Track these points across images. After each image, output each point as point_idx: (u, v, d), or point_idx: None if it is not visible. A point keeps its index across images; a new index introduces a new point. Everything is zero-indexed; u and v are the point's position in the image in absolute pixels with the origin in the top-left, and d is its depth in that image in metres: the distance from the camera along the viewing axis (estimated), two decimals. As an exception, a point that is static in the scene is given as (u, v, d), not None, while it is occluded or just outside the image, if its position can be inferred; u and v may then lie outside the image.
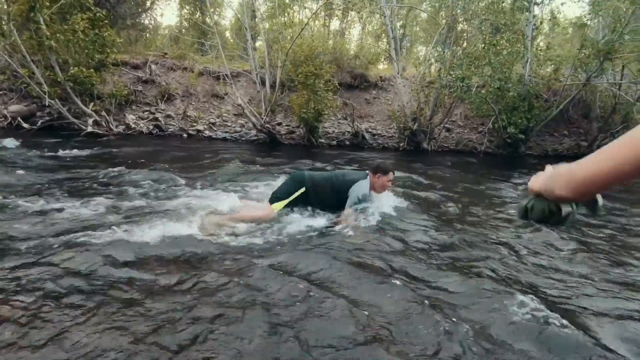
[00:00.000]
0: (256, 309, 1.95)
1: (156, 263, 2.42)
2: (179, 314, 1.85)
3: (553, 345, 1.82)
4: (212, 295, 2.03)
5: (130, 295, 1.98)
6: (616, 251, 3.25)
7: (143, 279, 2.16)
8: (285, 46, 9.79)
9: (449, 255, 2.87)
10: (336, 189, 3.36)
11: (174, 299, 1.97)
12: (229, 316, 1.86)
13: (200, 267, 2.42)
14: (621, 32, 8.70)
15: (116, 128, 9.66)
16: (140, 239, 2.68)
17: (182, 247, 2.63)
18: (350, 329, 1.84)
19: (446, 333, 1.87)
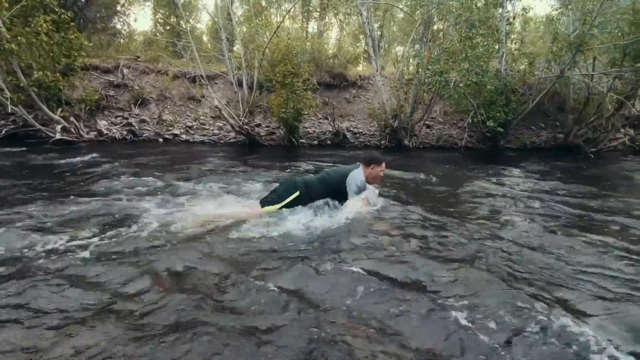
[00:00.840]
0: (247, 308, 1.79)
1: (139, 267, 2.24)
2: (168, 315, 1.73)
3: (549, 342, 1.70)
4: (205, 297, 1.93)
5: (108, 301, 1.86)
6: (608, 239, 3.20)
7: (122, 284, 2.03)
8: (262, 45, 9.59)
9: (438, 250, 2.75)
10: (332, 186, 3.24)
11: (162, 300, 1.87)
12: (223, 314, 1.70)
13: (191, 268, 2.26)
14: (591, 25, 8.89)
15: (87, 134, 9.24)
16: (115, 247, 2.51)
17: (169, 249, 2.52)
18: (339, 328, 1.69)
19: (439, 330, 1.73)
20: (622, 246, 2.93)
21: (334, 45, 16.65)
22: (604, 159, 9.43)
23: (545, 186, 5.42)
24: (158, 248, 2.56)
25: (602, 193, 5.01)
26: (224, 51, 9.87)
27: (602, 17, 9.32)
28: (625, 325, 1.82)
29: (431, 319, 1.82)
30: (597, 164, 8.38)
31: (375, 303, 1.94)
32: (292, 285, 2.10)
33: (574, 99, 11.31)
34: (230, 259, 2.43)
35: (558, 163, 8.14)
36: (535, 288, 2.17)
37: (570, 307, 2.00)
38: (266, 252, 2.55)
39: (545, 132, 11.92)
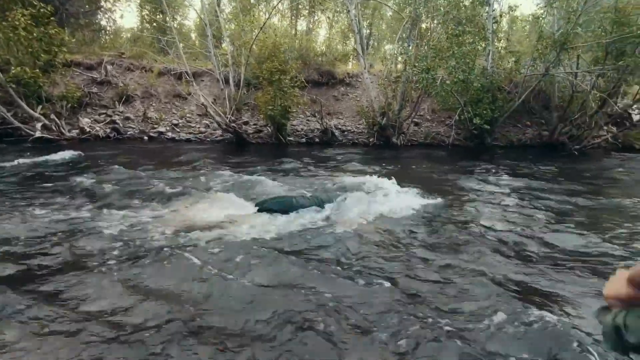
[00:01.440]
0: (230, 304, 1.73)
1: (116, 273, 2.16)
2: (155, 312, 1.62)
3: (534, 339, 1.69)
4: (192, 298, 1.91)
5: (87, 306, 1.81)
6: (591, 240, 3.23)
7: (101, 289, 2.00)
8: (248, 42, 9.47)
9: (425, 247, 2.73)
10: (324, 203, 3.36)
11: (146, 299, 1.84)
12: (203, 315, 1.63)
13: (177, 266, 2.18)
14: (575, 23, 9.00)
15: (69, 132, 9.01)
16: (89, 253, 2.42)
17: (152, 248, 2.46)
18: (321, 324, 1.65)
19: (423, 329, 1.71)
20: (602, 242, 2.95)
21: (323, 43, 16.59)
22: (588, 156, 9.58)
23: (529, 183, 5.46)
24: (142, 249, 2.48)
25: (584, 190, 5.07)
26: (210, 48, 9.72)
27: (585, 15, 9.45)
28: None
29: (407, 312, 1.79)
30: (581, 161, 8.51)
31: (359, 302, 1.90)
32: (283, 284, 2.06)
33: (559, 96, 11.45)
34: (217, 259, 2.37)
35: (543, 160, 8.24)
36: (518, 285, 2.16)
37: (551, 302, 1.99)
38: (255, 252, 2.50)
39: (531, 130, 12.06)
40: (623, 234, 3.16)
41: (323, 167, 6.57)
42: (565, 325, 1.72)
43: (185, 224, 2.92)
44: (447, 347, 1.57)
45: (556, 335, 1.68)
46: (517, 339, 1.68)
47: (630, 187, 5.68)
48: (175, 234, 2.73)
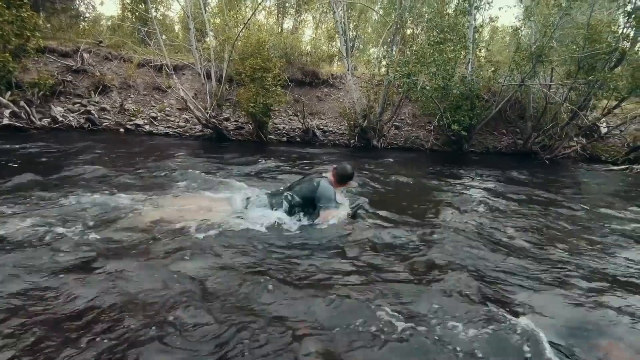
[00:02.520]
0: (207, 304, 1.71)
1: (87, 270, 2.11)
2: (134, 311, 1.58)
3: (495, 343, 1.75)
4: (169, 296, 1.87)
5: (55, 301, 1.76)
6: (562, 242, 3.36)
7: (72, 288, 1.91)
8: (232, 38, 9.36)
9: (397, 251, 2.78)
10: (299, 203, 3.22)
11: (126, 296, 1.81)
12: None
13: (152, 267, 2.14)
14: (550, 37, 9.35)
15: (39, 121, 8.67)
16: (61, 250, 2.34)
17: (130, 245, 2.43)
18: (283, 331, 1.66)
19: (387, 332, 1.74)
20: (564, 248, 3.09)
21: (308, 43, 16.59)
22: (558, 165, 9.97)
23: (500, 190, 5.63)
24: (111, 247, 2.41)
25: (550, 198, 5.28)
26: (192, 41, 9.54)
27: (560, 30, 9.84)
28: (560, 320, 1.94)
29: (370, 320, 1.82)
30: (551, 170, 8.85)
31: (328, 314, 1.92)
32: (252, 293, 2.05)
33: (533, 107, 11.86)
34: (191, 259, 2.33)
35: (515, 168, 8.51)
36: (482, 289, 2.23)
37: (513, 305, 2.07)
38: (228, 252, 2.47)
39: (506, 138, 12.45)
40: (578, 241, 3.31)
41: (302, 167, 6.58)
42: (527, 329, 1.79)
43: (153, 221, 2.86)
44: (402, 350, 1.61)
45: (518, 339, 1.75)
46: (476, 342, 1.73)
47: (594, 197, 5.94)
48: (143, 232, 2.67)
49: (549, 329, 1.86)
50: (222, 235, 2.70)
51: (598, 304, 2.17)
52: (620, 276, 2.59)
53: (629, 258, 2.97)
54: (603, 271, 2.66)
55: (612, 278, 2.55)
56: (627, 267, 2.79)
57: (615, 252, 3.10)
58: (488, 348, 1.68)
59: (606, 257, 2.96)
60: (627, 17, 8.92)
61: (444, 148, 11.32)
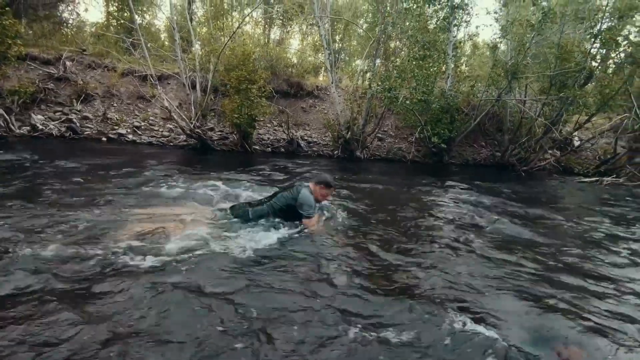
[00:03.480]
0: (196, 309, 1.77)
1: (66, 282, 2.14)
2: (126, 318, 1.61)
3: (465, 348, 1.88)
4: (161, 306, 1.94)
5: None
6: (538, 255, 3.54)
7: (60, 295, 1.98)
8: (217, 49, 9.47)
9: (373, 259, 2.89)
10: (281, 212, 3.37)
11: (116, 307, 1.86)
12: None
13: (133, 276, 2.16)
14: (524, 55, 9.82)
15: (19, 129, 8.54)
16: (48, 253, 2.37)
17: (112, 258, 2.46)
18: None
19: (362, 342, 1.84)
20: (533, 258, 3.27)
21: (294, 55, 16.83)
22: (534, 177, 10.36)
23: (477, 202, 5.86)
24: (90, 259, 2.43)
25: (524, 209, 5.52)
26: (177, 52, 9.61)
27: (534, 49, 10.34)
28: (526, 330, 2.09)
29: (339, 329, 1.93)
30: (526, 182, 9.19)
31: (301, 320, 2.02)
32: (235, 296, 2.13)
33: (510, 121, 12.34)
34: (172, 268, 2.38)
35: (493, 179, 8.82)
36: (454, 296, 2.37)
37: (480, 314, 2.21)
38: (209, 262, 2.53)
39: (485, 150, 12.87)
40: (546, 251, 3.51)
41: (285, 177, 6.68)
42: (492, 336, 1.92)
43: (137, 231, 2.90)
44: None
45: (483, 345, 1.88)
46: (440, 347, 1.85)
47: (565, 208, 6.23)
48: (127, 242, 2.71)
49: (512, 335, 2.00)
50: (204, 246, 2.76)
51: (560, 310, 2.34)
52: (584, 283, 2.78)
53: (592, 266, 3.17)
54: (567, 279, 2.84)
55: (576, 285, 2.73)
56: (590, 274, 2.98)
57: (580, 260, 3.30)
58: (453, 354, 1.81)
59: (571, 265, 3.16)
60: (593, 39, 9.46)
61: (425, 160, 11.62)
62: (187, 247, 2.72)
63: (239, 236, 3.03)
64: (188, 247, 2.73)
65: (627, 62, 9.60)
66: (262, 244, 2.96)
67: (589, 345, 2.04)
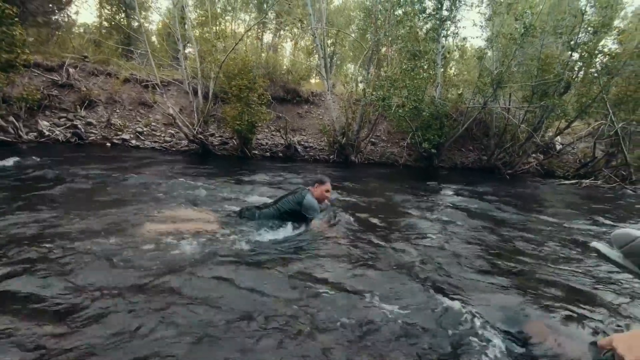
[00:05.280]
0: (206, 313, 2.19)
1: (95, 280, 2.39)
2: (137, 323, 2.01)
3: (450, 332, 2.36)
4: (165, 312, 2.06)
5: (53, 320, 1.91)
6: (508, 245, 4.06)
7: (71, 296, 2.10)
8: (219, 58, 9.89)
9: (371, 257, 3.36)
10: (286, 216, 3.66)
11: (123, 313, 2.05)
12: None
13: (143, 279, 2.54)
14: (508, 66, 10.47)
15: (27, 135, 8.82)
16: (52, 263, 2.49)
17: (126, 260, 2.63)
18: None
19: (365, 332, 2.30)
20: (512, 250, 3.79)
21: (288, 60, 17.29)
22: (517, 179, 11.02)
23: (465, 203, 6.41)
24: (102, 260, 2.58)
25: (508, 209, 6.09)
26: (181, 61, 10.00)
27: (517, 60, 11.02)
28: (500, 310, 2.57)
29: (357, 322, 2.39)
30: (510, 184, 9.82)
31: (314, 309, 2.47)
32: (241, 293, 2.44)
33: (496, 126, 13.02)
34: (181, 270, 2.58)
35: (479, 182, 9.42)
36: (440, 286, 2.86)
37: (462, 297, 2.69)
38: (217, 263, 2.80)
39: (472, 154, 13.52)
40: (526, 247, 4.04)
41: (285, 180, 7.12)
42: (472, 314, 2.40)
43: (143, 235, 3.07)
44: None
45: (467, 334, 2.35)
46: (434, 334, 2.33)
47: (545, 209, 6.82)
48: (133, 246, 2.86)
49: (491, 315, 2.49)
50: (211, 249, 2.97)
51: (532, 295, 2.85)
52: (556, 272, 3.30)
53: (568, 261, 3.71)
54: (539, 269, 3.36)
55: (547, 274, 3.25)
56: (566, 268, 3.51)
57: (558, 256, 3.84)
58: (445, 338, 2.28)
59: (551, 261, 3.69)
60: (571, 51, 10.17)
61: (416, 164, 12.20)
62: (199, 248, 2.93)
63: (247, 238, 3.29)
64: (199, 248, 2.94)
65: (603, 72, 10.32)
66: (269, 242, 3.27)
67: (552, 322, 2.53)
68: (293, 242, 3.43)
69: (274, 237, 3.44)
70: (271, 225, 3.62)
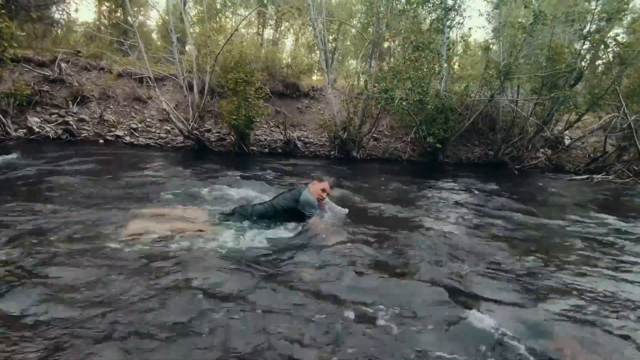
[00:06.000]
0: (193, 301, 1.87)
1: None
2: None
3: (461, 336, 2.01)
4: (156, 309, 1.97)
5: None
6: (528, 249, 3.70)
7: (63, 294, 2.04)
8: (215, 51, 9.52)
9: (374, 255, 3.01)
10: (282, 212, 3.47)
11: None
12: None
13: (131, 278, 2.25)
14: (516, 56, 10.03)
15: (15, 132, 8.51)
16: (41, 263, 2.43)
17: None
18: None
19: (366, 334, 1.96)
20: (528, 253, 3.43)
21: (289, 55, 16.90)
22: (526, 174, 10.60)
23: (471, 199, 6.03)
24: (91, 258, 2.52)
25: (518, 206, 5.70)
26: (175, 54, 9.62)
27: (526, 50, 10.57)
28: (522, 322, 2.22)
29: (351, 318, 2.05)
30: (519, 179, 9.42)
31: (312, 310, 2.13)
32: (236, 292, 2.23)
33: (503, 120, 12.58)
34: (173, 269, 2.48)
35: (486, 177, 9.02)
36: (452, 290, 2.50)
37: (480, 306, 2.34)
38: (210, 261, 2.63)
39: (478, 149, 13.09)
40: (540, 247, 3.67)
41: (284, 177, 6.77)
42: (491, 328, 2.05)
43: (135, 234, 2.97)
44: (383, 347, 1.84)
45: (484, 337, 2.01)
46: (447, 339, 1.98)
47: (558, 206, 6.43)
48: (126, 243, 2.80)
49: (509, 325, 2.14)
50: (198, 248, 2.85)
51: (552, 302, 2.48)
52: (572, 276, 2.93)
53: (584, 262, 3.33)
54: (561, 276, 2.99)
55: (565, 278, 2.88)
56: (582, 271, 3.14)
57: (573, 257, 3.46)
58: (454, 342, 1.93)
59: (565, 263, 3.32)
60: (583, 40, 9.71)
61: (421, 159, 11.80)
62: (185, 247, 2.81)
63: (243, 234, 3.15)
64: (186, 246, 2.83)
65: (616, 62, 9.87)
66: (265, 240, 3.08)
67: (583, 337, 2.18)
68: (288, 241, 3.19)
69: (267, 236, 3.25)
70: (265, 223, 3.41)
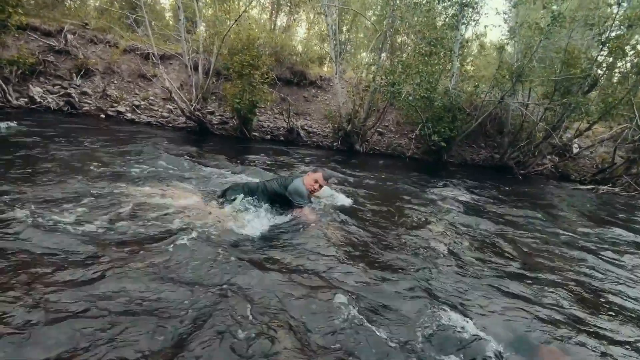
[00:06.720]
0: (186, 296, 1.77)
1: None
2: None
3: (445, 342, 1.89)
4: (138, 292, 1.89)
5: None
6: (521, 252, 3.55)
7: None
8: (221, 31, 9.34)
9: (365, 255, 2.90)
10: (271, 195, 3.41)
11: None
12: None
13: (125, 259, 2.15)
14: (530, 58, 9.75)
15: (16, 100, 8.43)
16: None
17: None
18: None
19: (353, 331, 1.85)
20: (520, 261, 3.29)
21: (300, 43, 16.62)
22: (530, 180, 10.39)
23: (473, 202, 5.88)
24: (84, 237, 2.42)
25: (516, 211, 5.54)
26: (181, 32, 9.45)
27: (541, 53, 10.27)
28: (508, 329, 2.11)
29: (336, 317, 1.94)
30: (523, 186, 9.22)
31: (296, 303, 2.02)
32: (222, 280, 2.13)
33: (511, 123, 12.32)
34: (163, 250, 2.38)
35: (490, 181, 8.84)
36: (441, 294, 2.38)
37: (467, 311, 2.22)
38: (199, 245, 2.52)
39: (484, 151, 12.87)
40: (537, 256, 3.53)
41: (283, 165, 6.65)
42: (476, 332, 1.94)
43: (130, 213, 2.89)
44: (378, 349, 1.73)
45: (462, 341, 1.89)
46: (428, 339, 1.87)
47: (561, 215, 6.25)
48: (121, 222, 2.70)
49: (497, 333, 2.02)
50: (199, 228, 2.75)
51: (543, 311, 2.36)
52: (568, 286, 2.80)
53: (591, 275, 3.19)
54: (558, 284, 2.86)
55: (559, 287, 2.75)
56: (581, 281, 3.00)
57: (571, 267, 3.33)
58: (439, 346, 1.82)
59: (563, 272, 3.18)
60: (601, 46, 9.40)
61: (424, 157, 11.61)
62: (181, 228, 2.71)
63: (231, 219, 3.04)
64: (182, 225, 2.74)
65: (633, 71, 9.56)
66: (254, 227, 2.97)
67: (569, 348, 2.06)
68: (274, 228, 3.06)
69: (258, 221, 3.13)
70: (253, 208, 3.33)
